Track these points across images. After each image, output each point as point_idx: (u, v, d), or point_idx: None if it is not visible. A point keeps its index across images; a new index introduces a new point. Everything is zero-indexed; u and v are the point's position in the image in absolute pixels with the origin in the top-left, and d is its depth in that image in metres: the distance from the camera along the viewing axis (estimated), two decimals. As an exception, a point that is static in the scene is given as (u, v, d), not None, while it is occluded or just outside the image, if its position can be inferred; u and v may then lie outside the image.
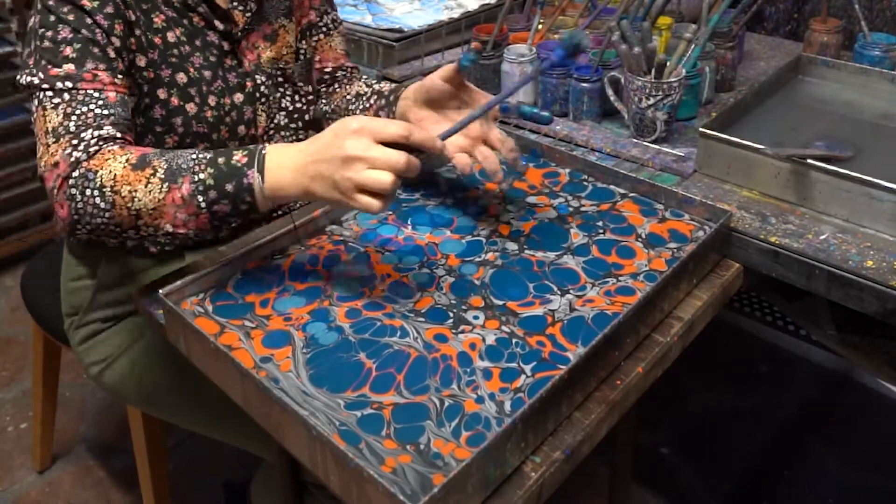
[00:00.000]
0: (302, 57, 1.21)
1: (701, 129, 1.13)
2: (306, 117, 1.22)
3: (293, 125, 1.21)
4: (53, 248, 1.56)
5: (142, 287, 1.00)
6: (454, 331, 0.86)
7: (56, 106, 0.92)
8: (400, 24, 1.54)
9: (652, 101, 1.19)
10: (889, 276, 0.91)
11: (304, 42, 1.22)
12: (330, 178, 0.83)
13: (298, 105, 1.20)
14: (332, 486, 0.72)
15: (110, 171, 0.87)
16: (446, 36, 1.56)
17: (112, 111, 0.93)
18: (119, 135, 0.92)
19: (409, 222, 1.07)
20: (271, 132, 1.17)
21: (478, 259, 0.98)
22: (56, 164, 0.89)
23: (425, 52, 1.54)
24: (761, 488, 1.60)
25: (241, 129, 1.12)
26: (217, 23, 1.08)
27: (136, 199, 0.86)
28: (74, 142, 0.89)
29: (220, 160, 0.87)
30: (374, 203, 0.82)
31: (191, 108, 1.06)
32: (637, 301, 0.84)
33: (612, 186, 1.13)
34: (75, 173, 0.88)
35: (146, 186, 0.86)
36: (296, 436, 0.74)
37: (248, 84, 1.12)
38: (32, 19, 0.97)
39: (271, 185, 0.86)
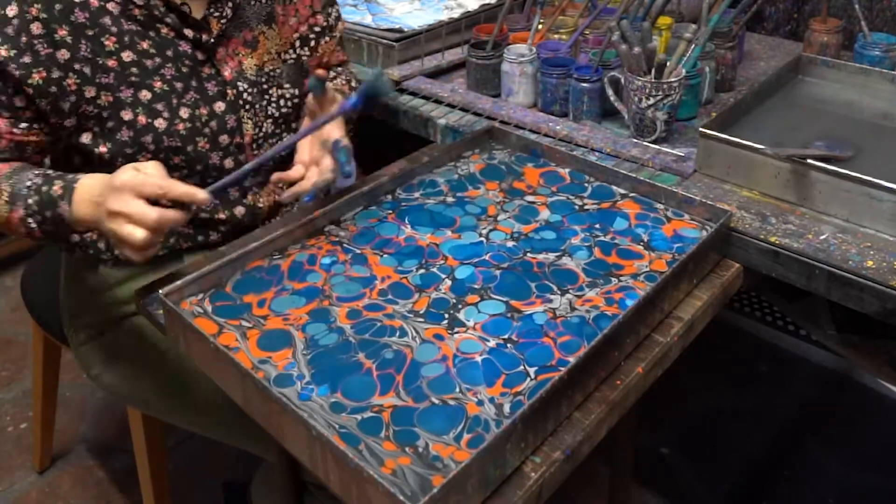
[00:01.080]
0: (292, 59, 1.19)
1: (701, 129, 1.13)
2: (293, 124, 1.20)
3: (278, 131, 1.18)
4: (53, 248, 1.56)
5: (141, 287, 1.00)
6: (450, 331, 0.86)
7: None
8: (400, 24, 1.54)
9: (652, 101, 1.19)
10: (889, 276, 0.91)
11: (305, 48, 1.21)
12: (103, 225, 0.91)
13: (285, 111, 1.18)
14: (332, 487, 0.72)
15: None
16: (446, 36, 1.56)
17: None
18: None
19: (408, 221, 1.07)
20: (260, 140, 1.15)
21: (477, 260, 0.98)
22: None
23: (425, 52, 1.53)
24: (761, 488, 1.60)
25: (224, 138, 1.11)
26: (187, 31, 1.06)
27: None
28: None
29: (44, 189, 0.95)
30: (132, 256, 0.91)
31: (160, 123, 1.05)
32: (637, 301, 0.84)
33: (612, 186, 1.13)
34: None
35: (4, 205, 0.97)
36: (296, 436, 0.74)
37: (230, 92, 1.11)
38: None
39: (77, 218, 0.94)
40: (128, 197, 0.87)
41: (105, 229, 0.91)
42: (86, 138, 1.05)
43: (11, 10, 0.97)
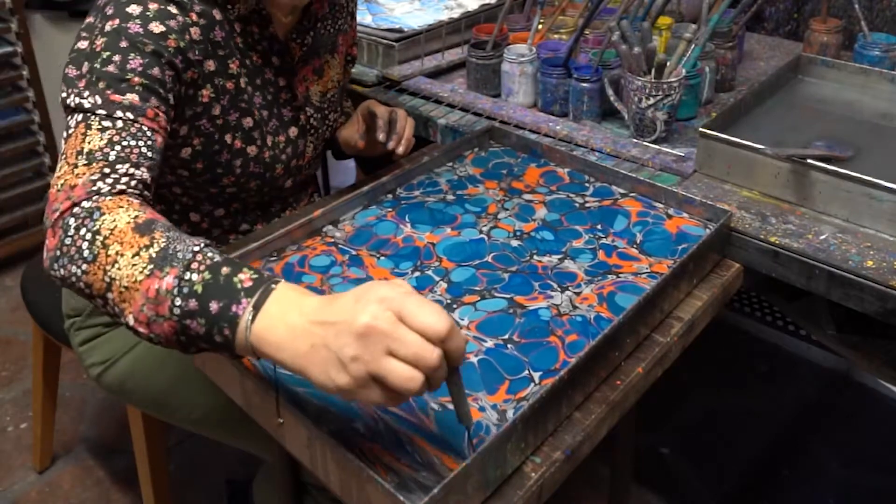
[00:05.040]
0: (339, 85, 1.22)
1: (701, 129, 1.13)
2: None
3: (322, 152, 1.25)
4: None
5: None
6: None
7: (104, 129, 0.82)
8: (400, 24, 1.54)
9: (652, 101, 1.19)
10: (889, 276, 0.91)
11: (344, 73, 1.25)
12: (336, 353, 0.62)
13: (328, 134, 1.23)
14: (332, 487, 0.72)
15: (114, 221, 0.73)
16: (446, 36, 1.56)
17: (154, 156, 0.85)
18: (149, 181, 0.83)
19: (408, 219, 1.07)
20: (313, 160, 1.20)
21: (478, 261, 0.99)
22: (73, 187, 0.77)
23: (425, 52, 1.53)
24: (761, 488, 1.60)
25: (294, 161, 1.13)
26: (274, 59, 1.06)
27: (115, 266, 0.71)
28: (107, 171, 0.79)
29: (225, 269, 0.69)
30: (392, 403, 0.63)
31: (251, 150, 1.05)
32: (637, 301, 0.84)
33: (612, 186, 1.13)
34: (86, 203, 0.76)
35: (133, 257, 0.70)
36: (296, 436, 0.74)
37: (302, 117, 1.13)
38: (91, 40, 0.89)
39: (259, 331, 0.65)
40: (393, 316, 0.61)
41: (336, 360, 0.62)
42: (185, 153, 1.00)
43: (173, 9, 0.92)
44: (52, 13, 2.57)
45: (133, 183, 0.80)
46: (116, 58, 0.86)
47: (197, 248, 0.70)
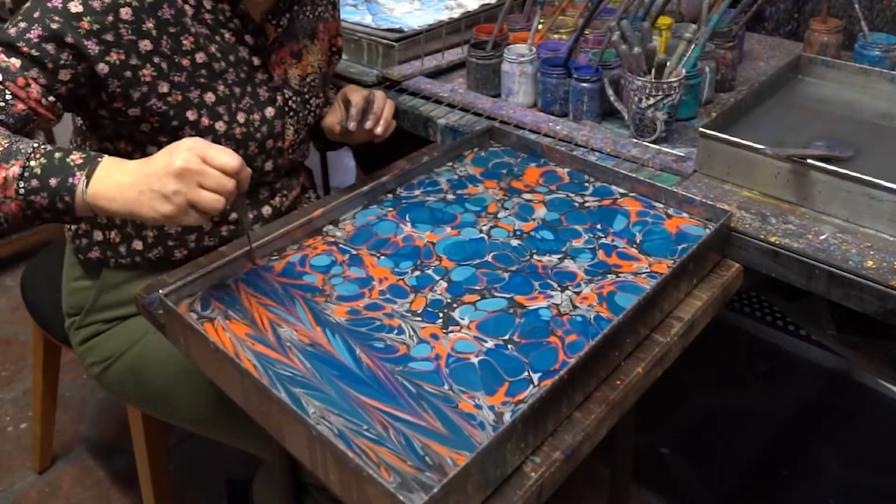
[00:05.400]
0: (320, 72, 1.24)
1: (701, 129, 1.13)
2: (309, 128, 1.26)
3: (306, 137, 1.25)
4: (53, 248, 1.56)
5: (142, 287, 1.00)
6: (444, 330, 0.86)
7: None
8: (400, 24, 1.54)
9: (652, 101, 1.19)
10: (889, 276, 0.91)
11: (327, 64, 1.27)
12: (159, 191, 0.83)
13: (310, 119, 1.23)
14: (332, 487, 0.72)
15: None
16: (446, 36, 1.56)
17: (10, 120, 0.92)
18: None
19: (407, 219, 1.07)
20: (295, 145, 1.21)
21: (478, 260, 0.99)
22: None
23: (425, 52, 1.53)
24: (761, 488, 1.60)
25: (270, 142, 1.15)
26: (248, 37, 1.09)
27: None
28: None
29: (58, 154, 0.87)
30: (203, 220, 0.85)
31: (220, 126, 1.07)
32: (637, 301, 0.84)
33: (612, 186, 1.13)
34: None
35: None
36: (296, 436, 0.74)
37: (279, 98, 1.15)
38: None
39: (93, 193, 0.85)
40: (199, 159, 0.83)
41: (162, 196, 0.83)
42: (145, 128, 1.04)
43: None
44: (52, 13, 2.56)
45: None
46: (22, 24, 0.94)
47: (36, 144, 0.88)
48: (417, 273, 0.96)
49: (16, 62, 0.93)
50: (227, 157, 0.84)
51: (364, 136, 1.22)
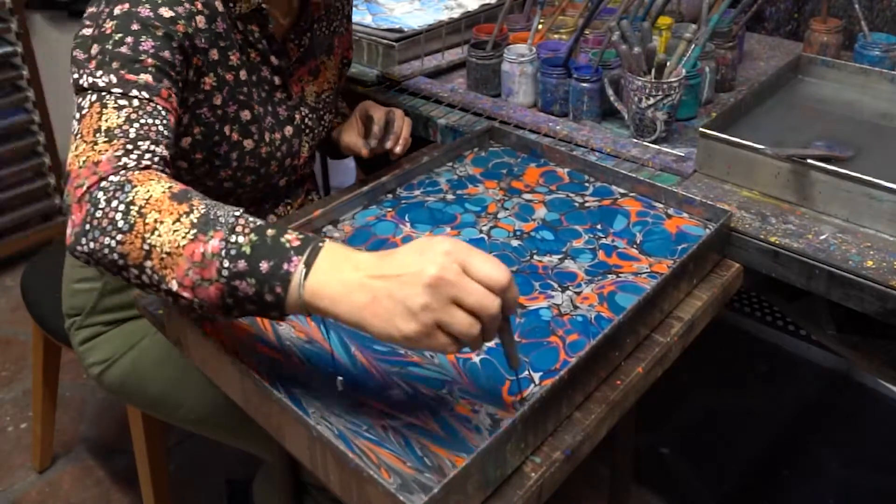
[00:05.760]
0: (334, 87, 1.23)
1: (701, 129, 1.13)
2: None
3: (315, 153, 1.25)
4: (53, 248, 1.56)
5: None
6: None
7: (120, 108, 0.82)
8: (400, 24, 1.54)
9: (652, 101, 1.19)
10: (889, 276, 0.91)
11: (340, 78, 1.26)
12: (403, 302, 0.64)
13: (323, 135, 1.23)
14: (332, 487, 0.72)
15: (148, 191, 0.74)
16: (446, 36, 1.56)
17: (170, 135, 0.85)
18: (168, 158, 0.83)
19: (407, 219, 1.07)
20: (308, 160, 1.21)
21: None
22: (97, 163, 0.77)
23: (425, 52, 1.53)
24: (761, 488, 1.60)
25: (288, 160, 1.14)
26: (272, 58, 1.07)
27: (155, 233, 0.71)
28: (129, 147, 0.79)
29: (270, 231, 0.70)
30: (450, 349, 0.66)
31: (248, 144, 1.05)
32: (637, 301, 0.84)
33: (612, 186, 1.13)
34: (114, 178, 0.76)
35: (174, 223, 0.71)
36: (296, 436, 0.74)
37: (297, 116, 1.14)
38: (99, 24, 0.89)
39: (314, 289, 0.67)
40: (459, 269, 0.65)
41: (405, 308, 0.64)
42: (185, 143, 1.00)
43: None
44: (52, 13, 2.57)
45: (156, 159, 0.80)
46: (129, 39, 0.87)
47: (238, 213, 0.72)
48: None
49: (147, 77, 0.85)
50: (495, 270, 0.66)
51: (380, 151, 1.22)
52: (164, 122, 0.85)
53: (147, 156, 0.80)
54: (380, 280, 0.66)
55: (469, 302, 0.64)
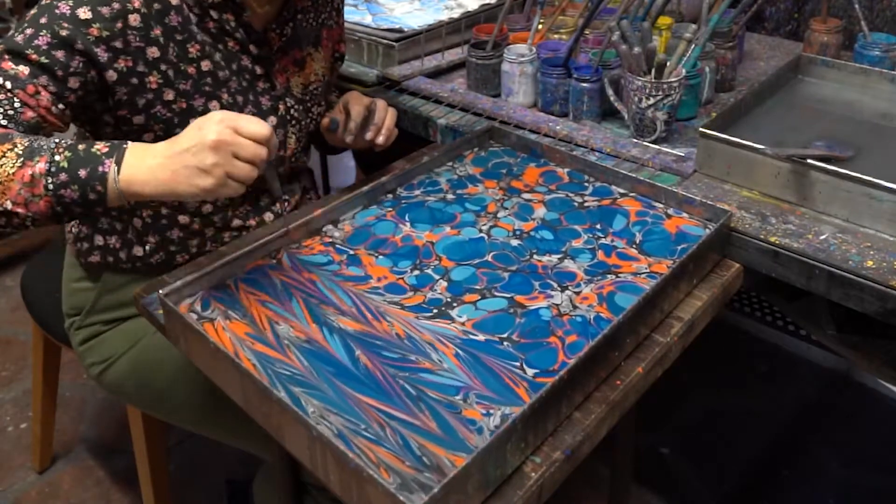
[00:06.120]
0: (323, 79, 1.23)
1: (701, 129, 1.13)
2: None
3: (306, 146, 1.25)
4: (53, 248, 1.56)
5: (142, 287, 1.00)
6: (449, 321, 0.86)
7: None
8: (400, 24, 1.54)
9: (652, 101, 1.19)
10: (889, 276, 0.91)
11: (330, 71, 1.26)
12: (196, 166, 0.84)
13: (311, 127, 1.23)
14: (332, 487, 0.72)
15: None
16: (446, 36, 1.56)
17: (8, 125, 0.90)
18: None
19: (407, 219, 1.07)
20: (297, 153, 1.20)
21: (478, 260, 0.99)
22: None
23: (425, 52, 1.53)
24: (761, 488, 1.60)
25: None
26: (252, 47, 1.08)
27: None
28: None
29: (81, 146, 0.86)
30: (240, 191, 0.86)
31: None
32: (637, 301, 0.84)
33: (612, 186, 1.13)
34: None
35: (1, 158, 0.84)
36: (296, 436, 0.74)
37: (281, 107, 1.14)
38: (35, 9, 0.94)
39: (126, 178, 0.85)
40: (231, 130, 0.84)
41: (199, 171, 0.84)
42: (148, 138, 1.02)
43: None
44: (52, 13, 2.56)
45: None
46: (29, 31, 0.92)
47: (57, 140, 0.87)
48: (417, 272, 0.96)
49: (24, 70, 0.91)
50: (258, 126, 0.85)
51: (365, 145, 1.21)
52: (10, 113, 0.90)
53: None
54: (175, 156, 0.85)
55: (244, 154, 0.84)
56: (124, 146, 0.87)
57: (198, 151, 0.84)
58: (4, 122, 0.90)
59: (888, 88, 1.28)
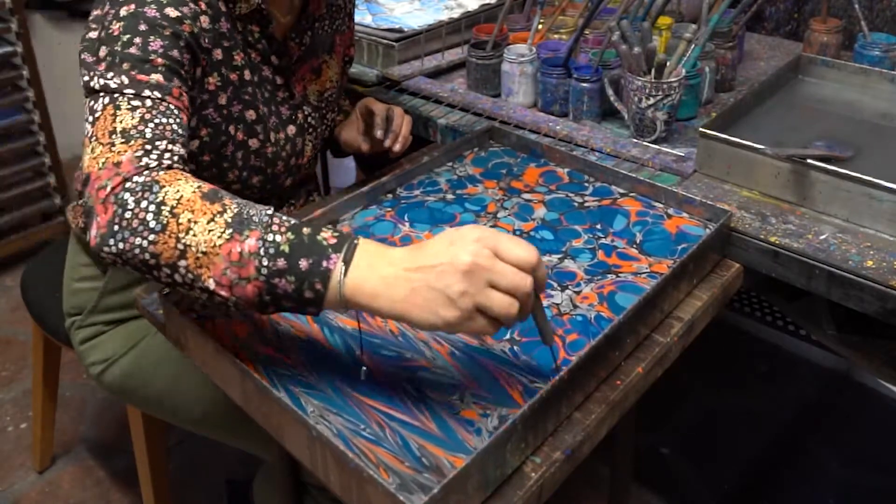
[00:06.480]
0: (337, 85, 1.23)
1: (701, 129, 1.13)
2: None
3: (320, 152, 1.25)
4: (53, 248, 1.56)
5: (142, 287, 1.00)
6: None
7: (134, 109, 0.82)
8: (400, 24, 1.54)
9: (652, 101, 1.19)
10: (889, 276, 0.91)
11: (342, 76, 1.26)
12: (442, 292, 0.68)
13: (326, 134, 1.23)
14: (332, 487, 0.72)
15: (178, 191, 0.74)
16: (446, 36, 1.56)
17: (184, 133, 0.85)
18: (186, 157, 0.84)
19: (406, 219, 1.07)
20: (312, 160, 1.20)
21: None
22: (118, 164, 0.77)
23: (425, 52, 1.53)
24: (761, 488, 1.60)
25: (293, 160, 1.13)
26: (273, 58, 1.07)
27: (190, 233, 0.72)
28: (148, 147, 0.79)
29: (306, 229, 0.72)
30: (491, 330, 0.70)
31: (253, 143, 1.05)
32: (637, 301, 0.84)
33: (612, 186, 1.13)
34: (139, 178, 0.76)
35: (208, 223, 0.72)
36: (296, 436, 0.74)
37: (299, 115, 1.13)
38: (106, 26, 0.89)
39: (353, 284, 0.70)
40: (490, 253, 0.69)
41: (444, 297, 0.68)
42: (193, 146, 0.99)
43: None
44: (52, 13, 2.57)
45: (176, 158, 0.81)
46: (137, 40, 0.87)
47: (270, 212, 0.74)
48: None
49: (158, 76, 0.86)
50: (523, 251, 0.70)
51: (379, 149, 1.21)
52: (178, 120, 0.85)
53: (167, 155, 0.80)
54: (416, 272, 0.69)
55: (504, 284, 0.68)
56: (356, 241, 0.72)
57: (446, 272, 0.68)
58: (182, 132, 0.84)
59: (888, 88, 1.28)
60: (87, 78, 0.86)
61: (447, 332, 0.78)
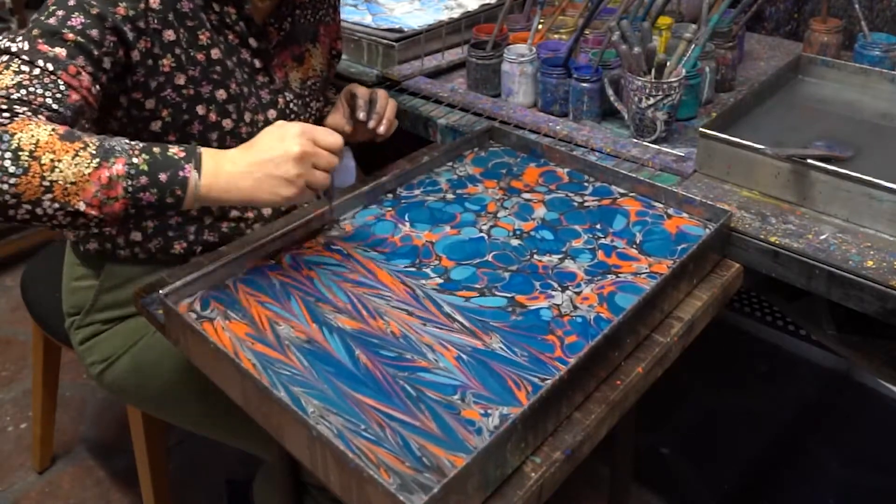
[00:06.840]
0: (322, 75, 1.24)
1: (701, 129, 1.13)
2: None
3: None
4: (53, 248, 1.56)
5: (141, 287, 1.00)
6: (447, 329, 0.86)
7: (19, 72, 0.86)
8: (400, 24, 1.54)
9: (652, 101, 1.19)
10: (889, 276, 0.91)
11: (328, 67, 1.27)
12: (282, 177, 0.88)
13: (311, 122, 1.23)
14: (333, 487, 0.72)
15: (32, 136, 0.81)
16: (446, 36, 1.56)
17: (61, 109, 0.88)
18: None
19: (406, 218, 1.07)
20: None
21: (479, 259, 0.98)
22: None
23: (425, 52, 1.53)
24: (761, 488, 1.60)
25: None
26: (251, 40, 1.09)
27: (55, 170, 0.80)
28: (4, 106, 0.83)
29: (156, 149, 0.86)
30: (312, 196, 0.93)
31: (227, 123, 1.07)
32: (637, 301, 0.84)
33: (612, 186, 1.13)
34: None
35: (73, 158, 0.81)
36: (296, 436, 0.74)
37: (280, 101, 1.15)
38: None
39: (208, 185, 0.87)
40: (310, 142, 0.89)
41: (284, 181, 0.89)
42: (155, 126, 1.03)
43: None
44: (52, 13, 2.56)
45: (28, 114, 0.84)
46: (60, 12, 0.91)
47: (127, 141, 0.86)
48: (414, 271, 0.96)
49: (62, 51, 0.89)
50: (333, 138, 0.91)
51: (367, 136, 1.23)
52: (59, 95, 0.88)
53: (21, 118, 0.83)
54: (257, 165, 0.89)
55: (322, 164, 0.91)
56: (198, 151, 0.88)
57: (282, 162, 0.88)
58: (56, 107, 0.87)
59: (888, 88, 1.28)
60: (1, 38, 0.91)
61: (284, 206, 1.02)
